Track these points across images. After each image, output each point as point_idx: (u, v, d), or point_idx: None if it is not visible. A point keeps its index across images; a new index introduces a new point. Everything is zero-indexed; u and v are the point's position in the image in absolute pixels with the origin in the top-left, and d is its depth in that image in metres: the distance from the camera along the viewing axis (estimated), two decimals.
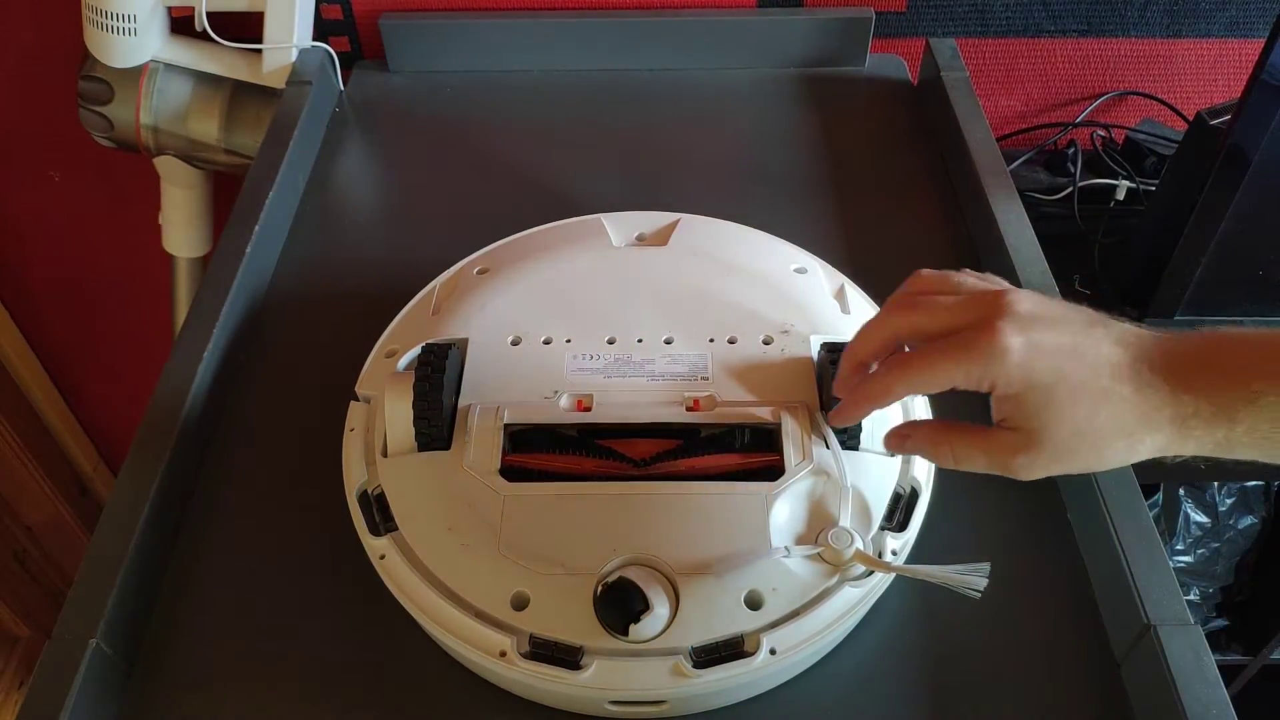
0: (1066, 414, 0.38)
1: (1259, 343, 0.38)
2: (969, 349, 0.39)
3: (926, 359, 0.40)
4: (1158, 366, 0.39)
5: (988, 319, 0.39)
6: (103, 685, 0.49)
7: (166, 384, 0.61)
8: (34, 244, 1.20)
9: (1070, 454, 0.39)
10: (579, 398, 0.54)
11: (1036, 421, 0.39)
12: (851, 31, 0.92)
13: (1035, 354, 0.38)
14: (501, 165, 0.84)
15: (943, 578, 0.45)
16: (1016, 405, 0.39)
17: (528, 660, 0.45)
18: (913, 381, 0.41)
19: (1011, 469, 0.41)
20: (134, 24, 0.88)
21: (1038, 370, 0.38)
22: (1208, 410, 0.38)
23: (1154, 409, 0.38)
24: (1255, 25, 0.96)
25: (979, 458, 0.41)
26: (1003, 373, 0.38)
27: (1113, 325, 0.40)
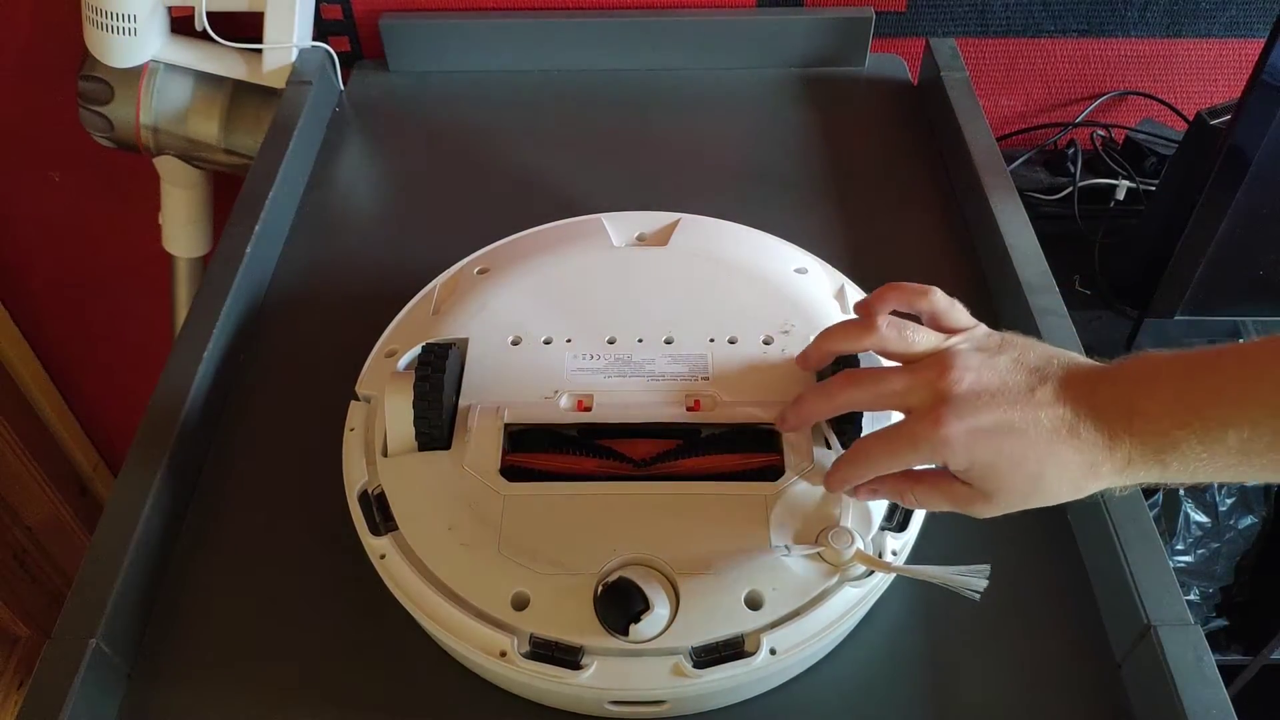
0: (1011, 483, 0.42)
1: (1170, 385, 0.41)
2: (915, 440, 0.43)
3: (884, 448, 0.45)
4: (1092, 418, 0.41)
5: (930, 407, 0.43)
6: (103, 685, 0.49)
7: (166, 384, 0.61)
8: (34, 244, 1.20)
9: (1022, 503, 0.43)
10: (579, 398, 0.54)
11: (986, 487, 0.43)
12: (851, 31, 0.92)
13: (975, 439, 0.42)
14: (501, 165, 0.84)
15: (943, 579, 0.46)
16: (966, 475, 0.43)
17: (528, 660, 0.45)
18: (872, 468, 0.46)
19: (971, 513, 0.45)
20: (134, 24, 0.88)
21: (979, 453, 0.42)
22: (1139, 456, 0.41)
23: (1093, 462, 0.41)
24: (1255, 25, 0.96)
25: (941, 504, 0.46)
26: (949, 458, 0.42)
27: (1050, 376, 0.43)
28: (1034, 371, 0.43)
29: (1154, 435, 0.40)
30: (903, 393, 0.44)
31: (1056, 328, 0.63)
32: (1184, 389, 0.40)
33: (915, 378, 0.44)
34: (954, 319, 0.47)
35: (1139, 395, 0.41)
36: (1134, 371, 0.42)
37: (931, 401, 0.43)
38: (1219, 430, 0.39)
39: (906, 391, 0.44)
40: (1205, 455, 0.39)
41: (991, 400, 0.42)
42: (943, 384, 0.43)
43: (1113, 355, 0.95)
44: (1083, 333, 0.64)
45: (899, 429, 0.44)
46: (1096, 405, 0.41)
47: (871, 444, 0.45)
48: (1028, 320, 0.65)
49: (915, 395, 0.44)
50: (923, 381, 0.44)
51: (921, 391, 0.43)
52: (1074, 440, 0.41)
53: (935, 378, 0.43)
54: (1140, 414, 0.40)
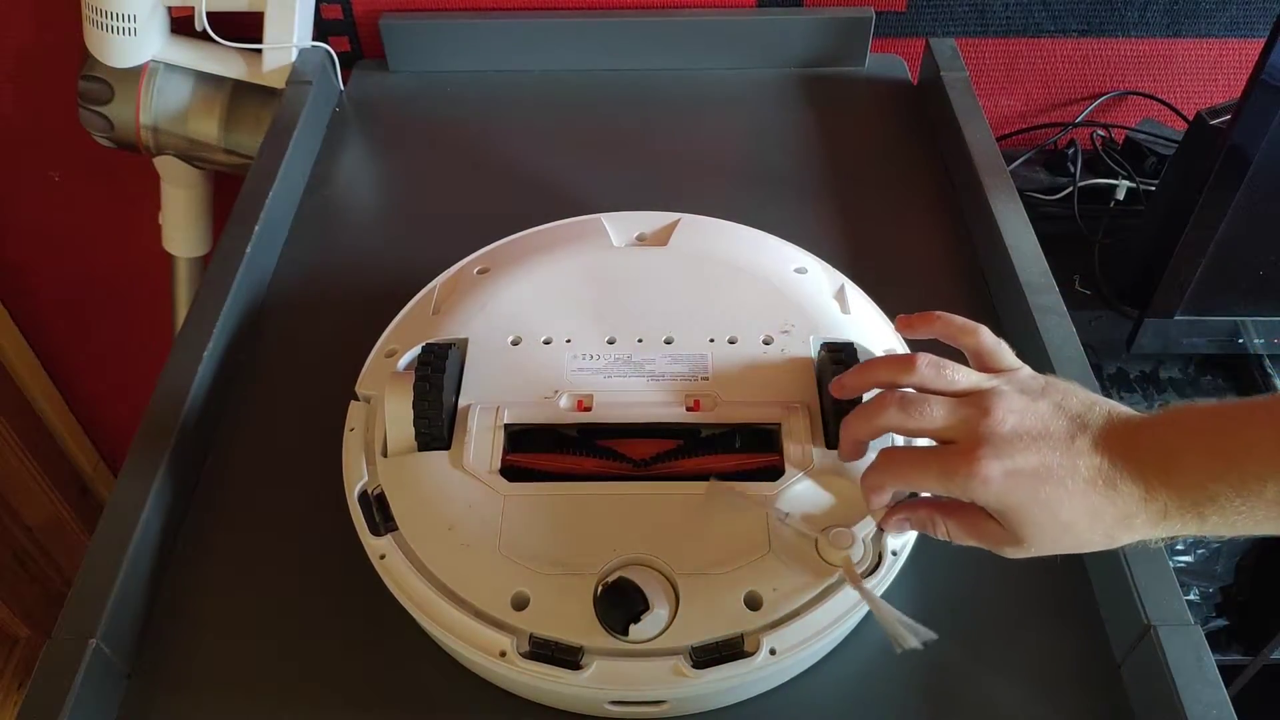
0: (1045, 529, 0.42)
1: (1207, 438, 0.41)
2: (951, 474, 0.42)
3: (917, 470, 0.44)
4: (1129, 470, 0.41)
5: (970, 444, 0.42)
6: (103, 685, 0.49)
7: (166, 384, 0.61)
8: (34, 244, 1.20)
9: (1053, 548, 0.43)
10: (579, 398, 0.54)
11: (1020, 531, 0.42)
12: (851, 31, 0.92)
13: (1012, 482, 0.41)
14: (501, 165, 0.84)
15: (888, 621, 0.45)
16: (1000, 516, 0.43)
17: (528, 660, 0.45)
18: (901, 483, 0.46)
19: (1000, 552, 0.45)
20: (134, 24, 0.88)
21: (1014, 496, 0.41)
22: (1176, 509, 0.40)
23: (1128, 514, 0.41)
24: (1255, 25, 0.96)
25: (972, 541, 0.45)
26: (982, 497, 0.42)
27: (1093, 423, 0.43)
28: (1075, 419, 0.43)
29: (1191, 488, 0.40)
30: (944, 424, 0.44)
31: (1056, 328, 0.63)
32: (1220, 442, 0.40)
33: (958, 412, 0.44)
34: (999, 359, 0.47)
35: (1176, 449, 0.41)
36: (1172, 423, 0.42)
37: (972, 438, 0.42)
38: (1257, 484, 0.38)
39: (948, 424, 0.43)
40: (1244, 508, 0.39)
41: (1031, 444, 0.42)
42: (985, 423, 0.42)
43: (1113, 355, 0.95)
44: (1083, 333, 0.64)
45: (935, 454, 0.44)
46: (1134, 457, 0.41)
47: (904, 457, 0.45)
48: (1028, 320, 0.65)
49: (956, 429, 0.43)
50: (965, 417, 0.43)
51: (962, 427, 0.43)
52: (1110, 491, 0.41)
53: (978, 415, 0.43)
54: (1177, 467, 0.40)
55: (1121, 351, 0.89)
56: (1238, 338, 0.86)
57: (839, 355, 0.52)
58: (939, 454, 0.44)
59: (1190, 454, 0.40)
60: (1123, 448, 0.41)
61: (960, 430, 0.43)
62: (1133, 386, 0.89)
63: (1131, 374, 0.89)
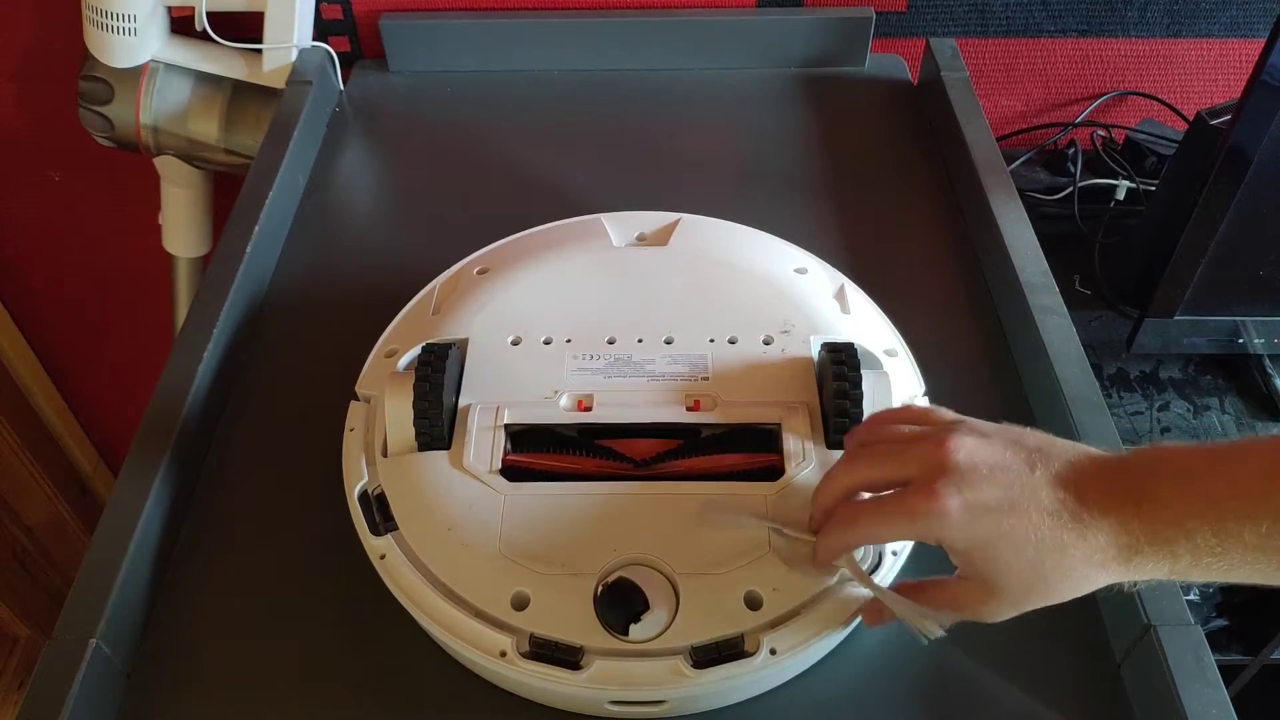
0: (1013, 569, 0.40)
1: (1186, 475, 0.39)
2: (911, 514, 0.41)
3: (875, 518, 0.43)
4: (1097, 503, 0.40)
5: (927, 478, 0.41)
6: (103, 685, 0.49)
7: (166, 384, 0.61)
8: (34, 244, 1.20)
9: (1026, 598, 0.41)
10: (579, 398, 0.54)
11: (987, 574, 0.41)
12: (851, 31, 0.92)
13: (973, 516, 0.40)
14: (501, 165, 0.84)
15: (906, 613, 0.44)
16: (966, 560, 0.41)
17: (528, 660, 0.45)
18: (865, 537, 0.45)
19: (980, 617, 0.43)
20: (134, 24, 0.88)
21: (978, 531, 0.40)
22: (1149, 546, 0.39)
23: (1098, 550, 0.39)
24: (1255, 25, 0.96)
25: (950, 614, 0.44)
26: (946, 534, 0.41)
27: (1053, 458, 0.41)
28: (1033, 451, 0.41)
29: (1166, 524, 0.38)
30: (899, 464, 0.42)
31: (1056, 328, 0.63)
32: (1200, 480, 0.39)
33: (910, 449, 0.42)
34: (938, 415, 0.45)
35: (1151, 483, 0.39)
36: (1146, 460, 0.40)
37: (928, 472, 0.41)
38: (1235, 524, 0.37)
39: (903, 463, 0.42)
40: (1220, 549, 0.38)
41: (989, 475, 0.40)
42: (939, 455, 0.41)
43: (1113, 355, 0.95)
44: (1083, 333, 0.64)
45: (893, 499, 0.42)
46: (1102, 491, 0.40)
47: (862, 512, 0.43)
48: (1028, 320, 0.65)
49: (911, 466, 0.42)
50: (918, 454, 0.42)
51: (916, 464, 0.42)
52: (1077, 525, 0.39)
53: (931, 449, 0.41)
54: (1151, 501, 0.39)
55: (1121, 351, 0.89)
56: (1238, 338, 0.86)
57: (839, 355, 0.52)
58: (896, 496, 0.42)
59: (1167, 490, 0.39)
60: (1089, 482, 0.40)
61: (915, 466, 0.42)
62: (1133, 386, 0.89)
63: (1131, 374, 0.89)
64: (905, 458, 0.42)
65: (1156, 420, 0.86)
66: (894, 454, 0.43)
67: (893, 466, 0.43)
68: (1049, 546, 0.39)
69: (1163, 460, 0.40)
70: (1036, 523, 0.40)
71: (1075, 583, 0.40)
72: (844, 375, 0.51)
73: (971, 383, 0.66)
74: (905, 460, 0.42)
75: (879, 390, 0.52)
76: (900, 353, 0.59)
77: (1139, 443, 0.84)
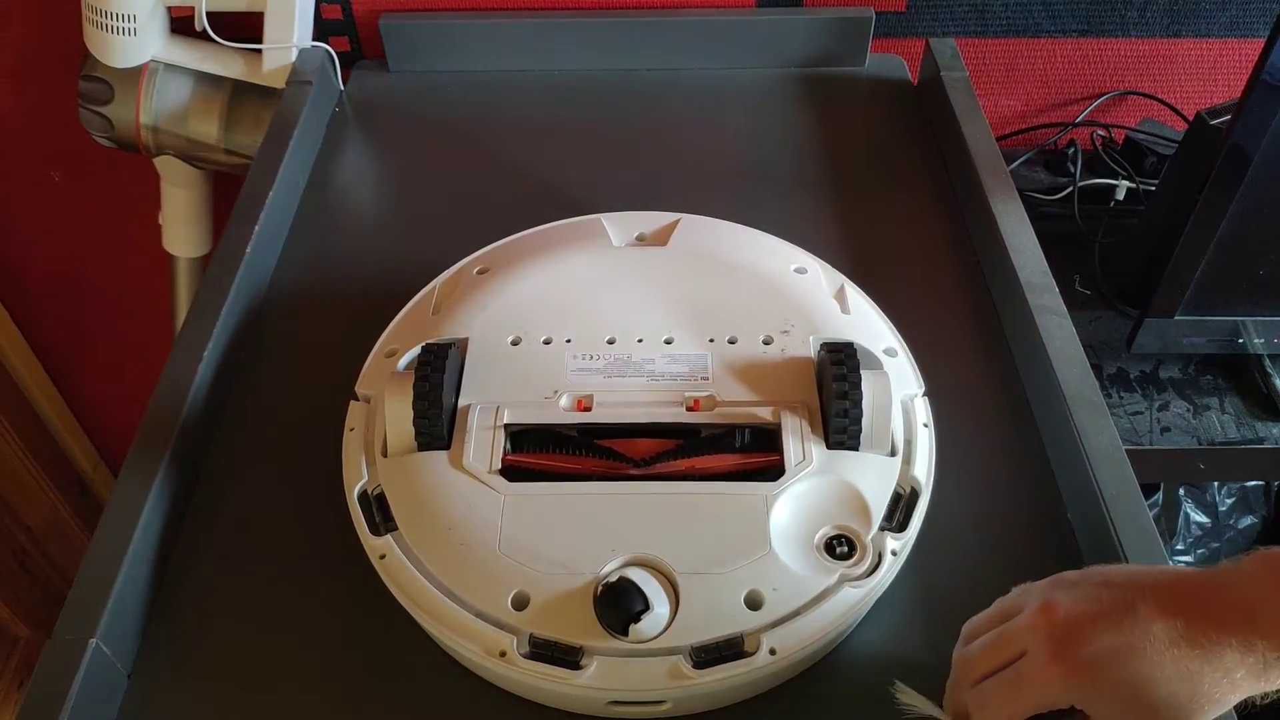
0: (1156, 710, 0.39)
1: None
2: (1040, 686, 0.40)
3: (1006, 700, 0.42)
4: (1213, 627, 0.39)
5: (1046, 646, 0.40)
6: (103, 685, 0.49)
7: (166, 384, 0.61)
8: (34, 244, 1.20)
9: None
10: (579, 398, 0.54)
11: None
12: (851, 31, 0.92)
13: (1098, 668, 0.39)
14: (501, 165, 0.84)
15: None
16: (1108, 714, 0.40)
17: (528, 660, 0.45)
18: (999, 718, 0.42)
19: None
20: (134, 24, 0.88)
21: (1106, 681, 0.39)
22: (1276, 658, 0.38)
23: (1227, 672, 0.38)
24: (1255, 25, 0.96)
25: None
26: (1081, 696, 0.40)
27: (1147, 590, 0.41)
28: (1126, 588, 0.41)
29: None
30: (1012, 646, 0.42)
31: (1056, 328, 0.63)
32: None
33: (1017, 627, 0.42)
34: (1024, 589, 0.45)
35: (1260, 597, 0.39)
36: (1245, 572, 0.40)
37: (1041, 642, 0.41)
38: None
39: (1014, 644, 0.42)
40: None
41: (1095, 625, 0.40)
42: (1042, 621, 0.41)
43: (1113, 355, 0.94)
44: (1083, 333, 0.64)
45: (1017, 673, 0.41)
46: (1210, 611, 0.39)
47: (993, 694, 0.42)
48: (1028, 320, 0.65)
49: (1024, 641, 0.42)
50: (1024, 629, 0.42)
51: (1026, 637, 0.41)
52: (1196, 650, 0.38)
53: (1034, 619, 0.41)
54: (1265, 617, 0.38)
55: (1121, 351, 0.89)
56: (1238, 338, 0.86)
57: (839, 355, 0.52)
58: (1019, 671, 0.41)
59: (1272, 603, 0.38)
60: (1193, 604, 0.39)
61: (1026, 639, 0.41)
62: (1133, 386, 0.89)
63: (1131, 374, 0.89)
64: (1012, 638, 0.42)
65: (1156, 420, 0.86)
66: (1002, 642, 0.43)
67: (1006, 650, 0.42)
68: (1177, 677, 0.39)
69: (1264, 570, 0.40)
70: (1157, 659, 0.39)
71: (1215, 706, 0.39)
72: (844, 375, 0.51)
73: (971, 383, 0.66)
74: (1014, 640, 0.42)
75: (879, 390, 0.52)
76: (900, 353, 0.59)
77: (1139, 443, 0.84)
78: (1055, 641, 0.40)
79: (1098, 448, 0.56)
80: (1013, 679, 0.42)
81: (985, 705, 0.43)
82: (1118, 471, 0.55)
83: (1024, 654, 0.41)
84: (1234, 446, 0.84)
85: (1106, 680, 0.39)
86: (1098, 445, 0.57)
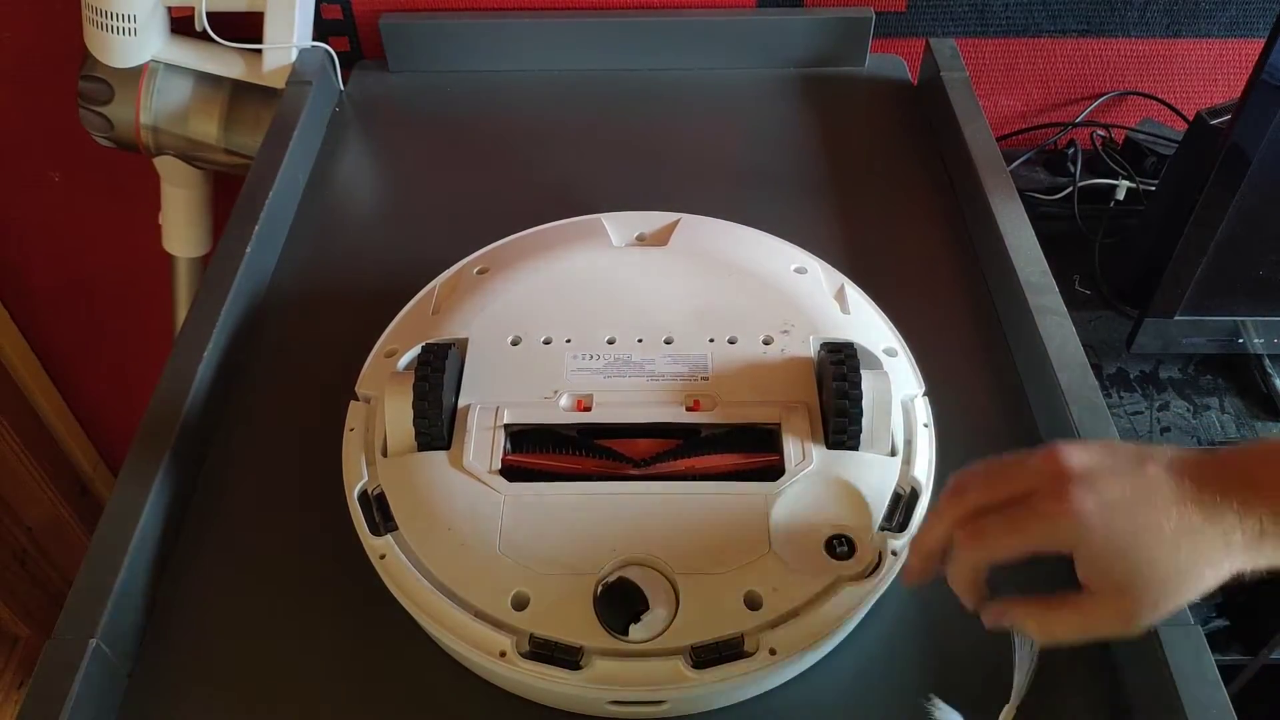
0: (1154, 563, 0.39)
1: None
2: (1047, 518, 0.40)
3: (1004, 531, 0.41)
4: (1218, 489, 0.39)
5: (1055, 484, 0.40)
6: (103, 685, 0.49)
7: (166, 384, 0.61)
8: (34, 244, 1.20)
9: (1164, 596, 0.40)
10: (579, 398, 0.54)
11: (1128, 578, 0.40)
12: (851, 31, 0.92)
13: (1110, 513, 0.39)
14: (501, 165, 0.84)
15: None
16: (1104, 565, 0.40)
17: (528, 660, 0.45)
18: (995, 553, 0.42)
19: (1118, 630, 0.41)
20: (134, 24, 0.88)
21: (1116, 529, 0.39)
22: (1273, 527, 0.39)
23: (1227, 532, 0.39)
24: (1255, 25, 0.96)
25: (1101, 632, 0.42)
26: (1085, 536, 0.40)
27: (1158, 455, 0.41)
28: (1136, 454, 0.41)
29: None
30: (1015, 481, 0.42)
31: (1056, 328, 0.63)
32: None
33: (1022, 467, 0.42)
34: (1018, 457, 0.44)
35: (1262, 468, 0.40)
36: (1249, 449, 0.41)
37: (1052, 481, 0.40)
38: None
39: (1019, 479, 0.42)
40: None
41: (1108, 475, 0.40)
42: (1055, 465, 0.41)
43: (1113, 355, 0.94)
44: (1083, 333, 0.64)
45: (1023, 508, 0.41)
46: (1216, 476, 0.40)
47: (989, 525, 0.42)
48: (1028, 320, 0.65)
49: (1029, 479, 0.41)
50: (1033, 468, 0.41)
51: (1034, 477, 0.41)
52: (1203, 509, 0.39)
53: (1044, 462, 0.41)
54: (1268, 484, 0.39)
55: (1121, 351, 0.89)
56: (1238, 338, 0.86)
57: (839, 355, 0.52)
58: (1025, 504, 0.41)
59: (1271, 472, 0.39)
60: (1199, 471, 0.40)
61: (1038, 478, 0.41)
62: (1133, 386, 0.89)
63: (1131, 374, 0.89)
64: (1019, 474, 0.42)
65: (1156, 420, 0.86)
66: (1005, 475, 0.42)
67: (1008, 486, 0.42)
68: (1183, 531, 0.39)
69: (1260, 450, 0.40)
70: (1166, 512, 0.39)
71: (1211, 570, 0.39)
72: (844, 375, 0.51)
73: (971, 383, 0.66)
74: (1019, 476, 0.42)
75: (879, 390, 0.52)
76: (900, 352, 0.59)
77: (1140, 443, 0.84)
78: (1068, 481, 0.40)
79: None
80: (1020, 514, 0.41)
81: (982, 538, 0.42)
82: None
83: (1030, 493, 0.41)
84: None
85: (1116, 527, 0.39)
86: None
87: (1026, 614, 0.43)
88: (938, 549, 0.44)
